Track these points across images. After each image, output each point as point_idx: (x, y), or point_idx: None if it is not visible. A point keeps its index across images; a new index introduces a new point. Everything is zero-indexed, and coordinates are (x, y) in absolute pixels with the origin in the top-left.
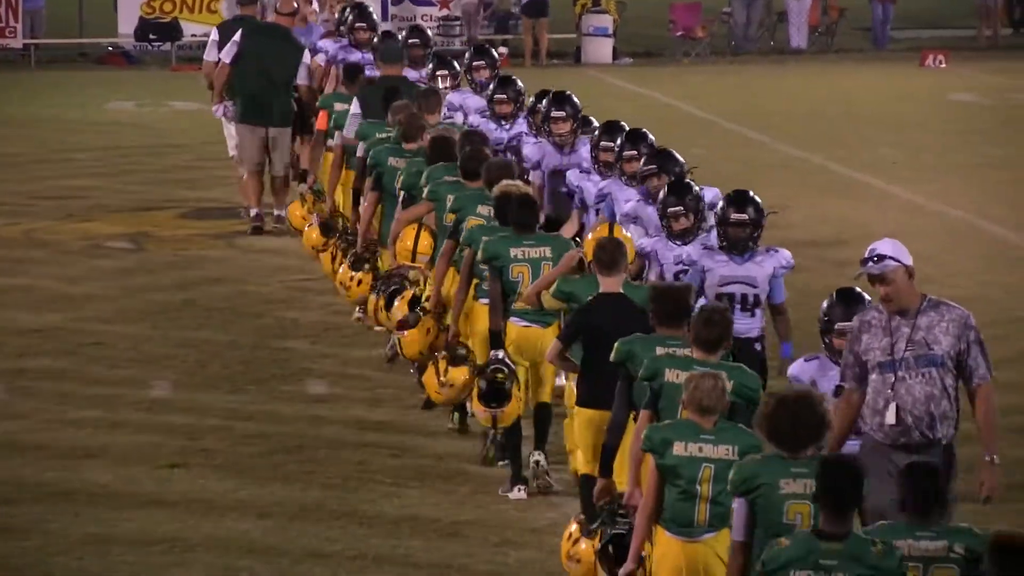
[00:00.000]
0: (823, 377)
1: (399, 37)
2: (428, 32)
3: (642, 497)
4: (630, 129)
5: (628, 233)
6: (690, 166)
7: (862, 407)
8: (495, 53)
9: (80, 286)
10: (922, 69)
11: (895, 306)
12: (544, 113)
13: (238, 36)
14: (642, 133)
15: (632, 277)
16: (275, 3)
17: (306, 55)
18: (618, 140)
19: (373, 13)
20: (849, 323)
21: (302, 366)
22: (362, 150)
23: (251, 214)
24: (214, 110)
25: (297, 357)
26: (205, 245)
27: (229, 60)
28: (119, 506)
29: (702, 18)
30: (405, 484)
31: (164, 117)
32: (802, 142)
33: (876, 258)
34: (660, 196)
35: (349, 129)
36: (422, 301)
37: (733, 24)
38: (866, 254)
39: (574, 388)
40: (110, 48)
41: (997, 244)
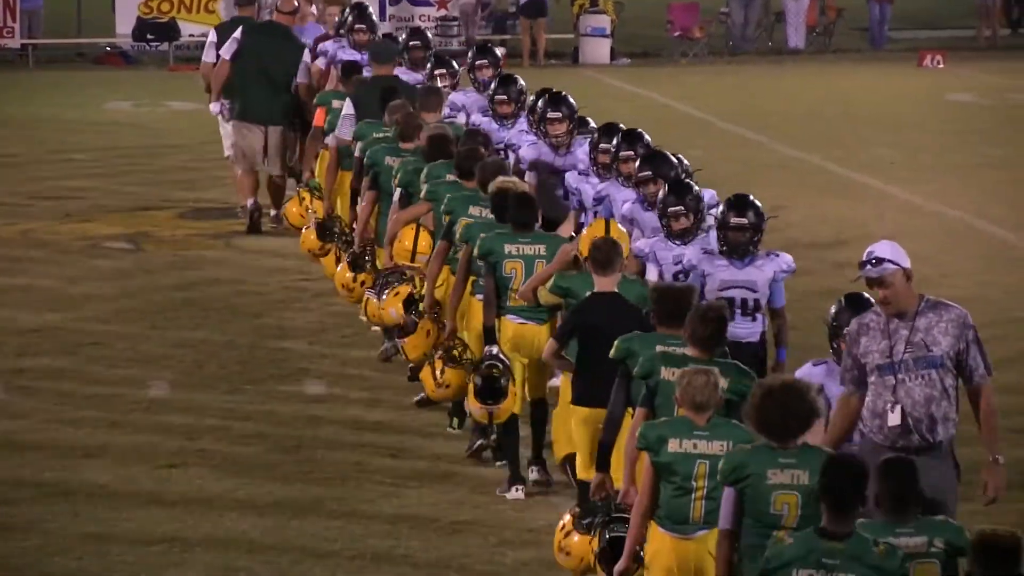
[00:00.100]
0: (831, 382)
1: (399, 39)
2: (428, 34)
3: (637, 495)
4: (626, 129)
5: (619, 228)
6: (693, 168)
7: (861, 410)
8: (498, 52)
9: (78, 286)
10: (920, 69)
11: (893, 309)
12: (540, 114)
13: (238, 33)
14: (638, 133)
15: None
16: (275, 2)
17: (306, 54)
18: (615, 141)
19: (373, 15)
20: None
21: (300, 366)
22: (359, 150)
23: (248, 204)
24: (211, 107)
25: (295, 357)
26: (203, 245)
27: (229, 57)
28: (118, 506)
29: (700, 18)
30: (403, 484)
31: (162, 117)
32: (800, 142)
33: (874, 261)
34: (660, 195)
35: (342, 129)
36: (417, 303)
37: (731, 24)
38: (864, 257)
39: (568, 384)
40: (108, 48)
41: (996, 244)
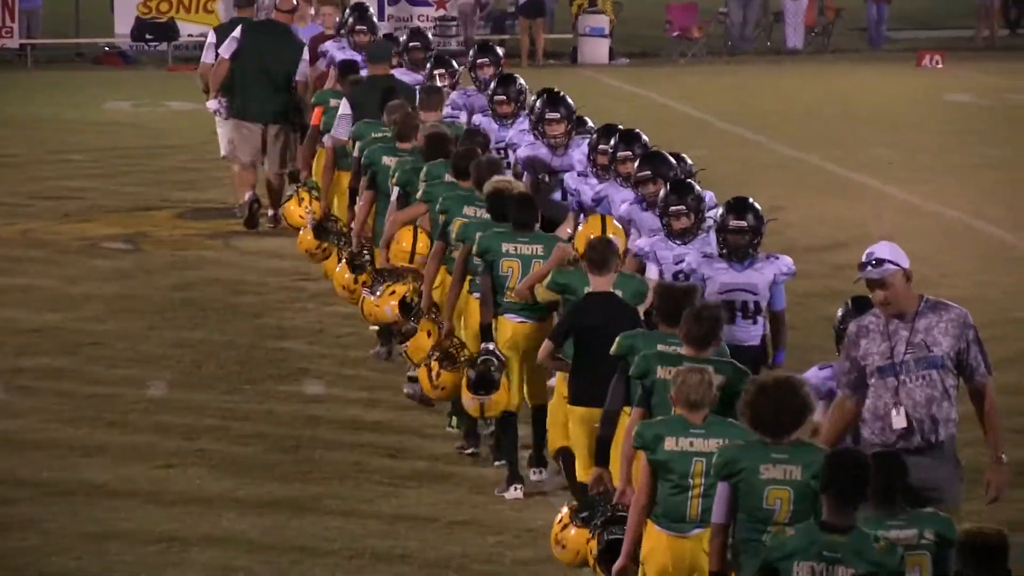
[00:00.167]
0: None
1: (400, 39)
2: (428, 35)
3: (634, 494)
4: (624, 130)
5: (615, 224)
6: (696, 169)
7: (856, 414)
8: (499, 51)
9: (77, 286)
10: (918, 69)
11: (893, 309)
12: (538, 114)
13: (238, 32)
14: (636, 134)
15: None
16: (272, 2)
17: (305, 51)
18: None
19: (374, 16)
20: None
21: (299, 366)
22: (358, 150)
23: (246, 198)
24: (208, 104)
25: (294, 357)
26: (202, 245)
27: (229, 56)
28: (117, 505)
29: (698, 18)
30: (402, 484)
31: (161, 117)
32: (798, 142)
33: (875, 262)
34: (661, 195)
35: (339, 129)
36: (414, 307)
37: (729, 24)
38: (864, 258)
39: (563, 379)
40: (106, 48)
41: (994, 245)
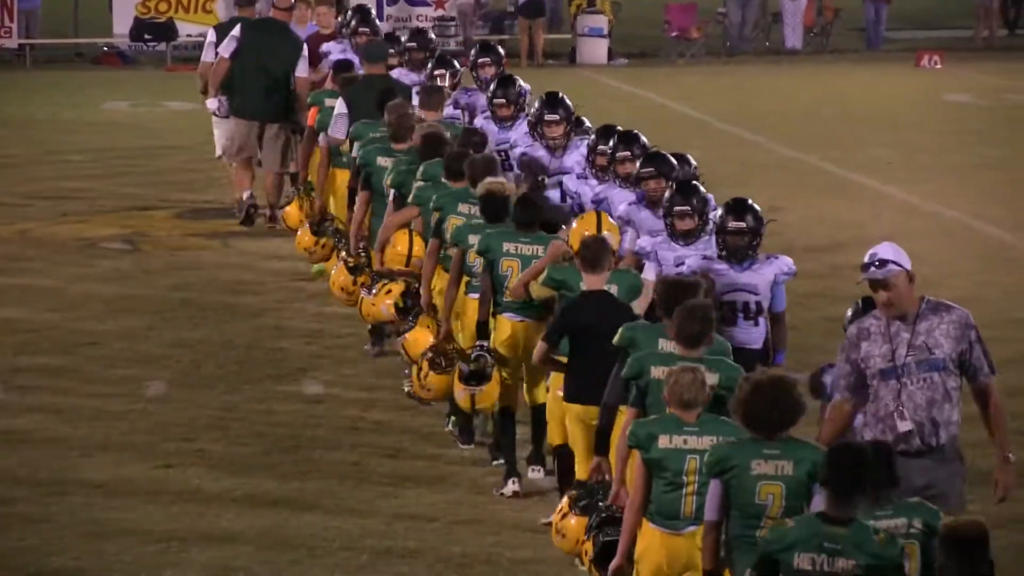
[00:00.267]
0: None
1: (401, 39)
2: (429, 35)
3: (628, 495)
4: (623, 131)
5: (610, 221)
6: (700, 173)
7: (854, 417)
8: (500, 50)
9: (76, 286)
10: (917, 70)
11: (896, 311)
12: (537, 116)
13: (237, 31)
14: (635, 135)
15: None
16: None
17: (304, 49)
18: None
19: (375, 18)
20: None
21: (297, 366)
22: (355, 150)
23: (243, 197)
24: (208, 103)
25: (292, 357)
26: (200, 245)
27: (228, 55)
28: (115, 505)
29: (697, 19)
30: (401, 484)
31: (160, 117)
32: (797, 143)
33: (878, 263)
34: (666, 195)
35: (335, 128)
36: (411, 309)
37: (728, 25)
38: (866, 259)
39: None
40: (105, 48)
41: (993, 245)
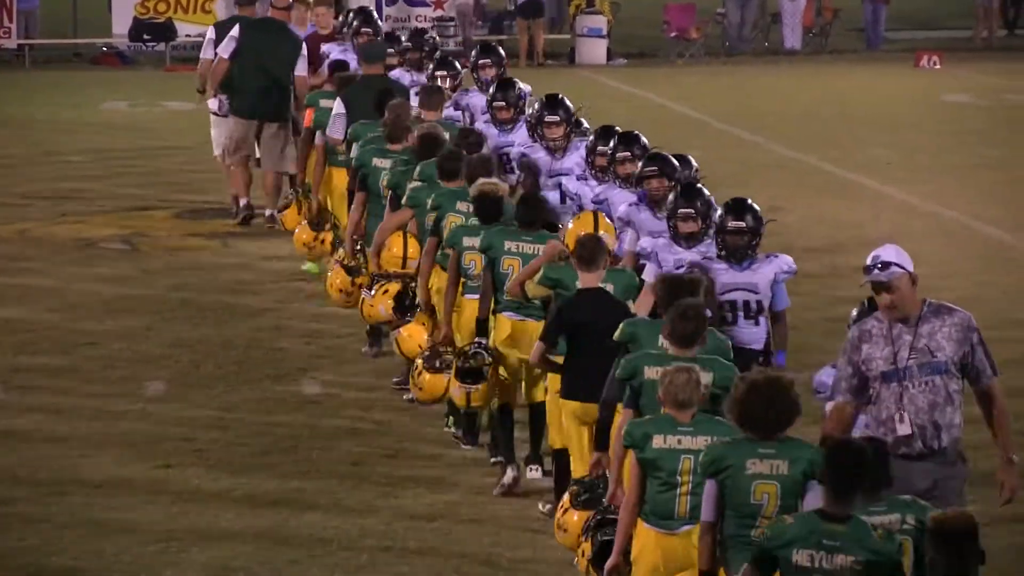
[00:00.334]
0: None
1: (402, 39)
2: (429, 36)
3: (624, 494)
4: (623, 131)
5: (606, 221)
6: (701, 175)
7: (855, 419)
8: (501, 52)
9: (75, 286)
10: (916, 70)
11: (898, 313)
12: (537, 117)
13: (236, 31)
14: (635, 135)
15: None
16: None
17: (303, 48)
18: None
19: (378, 19)
20: None
21: (297, 366)
22: (354, 151)
23: (240, 203)
24: (209, 103)
25: (291, 357)
26: (200, 246)
27: (227, 55)
28: (115, 505)
29: (696, 19)
30: (400, 484)
31: (158, 118)
32: (796, 143)
33: (881, 265)
34: (670, 198)
35: (333, 129)
36: (410, 306)
37: (727, 25)
38: (869, 261)
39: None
40: (104, 48)
41: (993, 245)
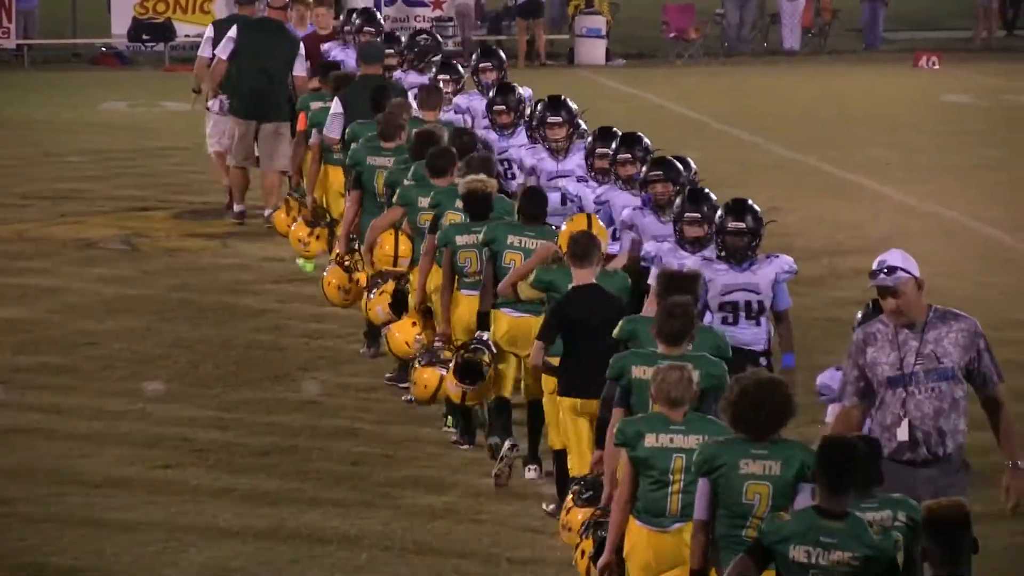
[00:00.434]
0: None
1: (402, 39)
2: (417, 38)
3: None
4: (625, 133)
5: (599, 224)
6: (700, 177)
7: (862, 423)
8: (502, 55)
9: (74, 286)
10: (916, 70)
11: (904, 319)
12: (539, 118)
13: (234, 32)
14: (637, 137)
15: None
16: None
17: (301, 48)
18: (612, 145)
19: (381, 19)
20: None
21: (296, 366)
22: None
23: (236, 209)
24: (209, 104)
25: (291, 358)
26: (199, 246)
27: (226, 56)
28: (114, 505)
29: (695, 19)
30: (399, 484)
31: (158, 118)
32: (795, 143)
33: (887, 270)
34: (677, 202)
35: (330, 128)
36: (406, 304)
37: (726, 25)
38: (875, 265)
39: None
40: (103, 49)
41: (992, 246)
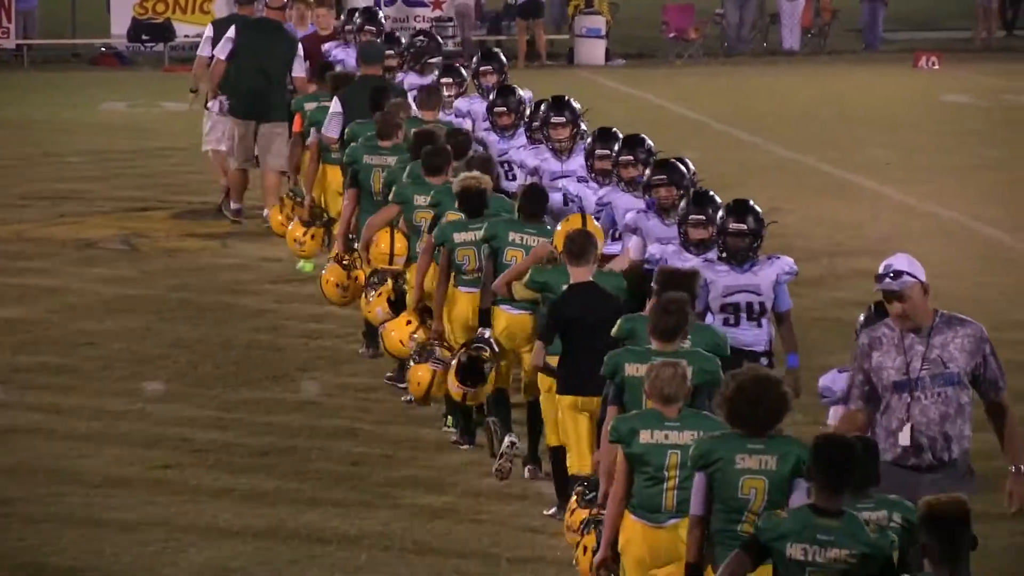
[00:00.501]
0: None
1: (402, 40)
2: (414, 39)
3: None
4: (627, 135)
5: (595, 223)
6: (699, 178)
7: (867, 427)
8: (503, 57)
9: (73, 286)
10: (915, 70)
11: (910, 323)
12: (543, 118)
13: (232, 32)
14: (640, 138)
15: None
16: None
17: (300, 48)
18: (614, 147)
19: (383, 19)
20: None
21: (295, 366)
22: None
23: (233, 207)
24: (210, 105)
25: (290, 358)
26: (199, 246)
27: (225, 56)
28: (114, 505)
29: (695, 19)
30: (399, 484)
31: (157, 118)
32: (795, 143)
33: (893, 274)
34: (681, 205)
35: (329, 128)
36: (403, 303)
37: (726, 25)
38: (881, 270)
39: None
40: (103, 49)
41: (992, 246)
